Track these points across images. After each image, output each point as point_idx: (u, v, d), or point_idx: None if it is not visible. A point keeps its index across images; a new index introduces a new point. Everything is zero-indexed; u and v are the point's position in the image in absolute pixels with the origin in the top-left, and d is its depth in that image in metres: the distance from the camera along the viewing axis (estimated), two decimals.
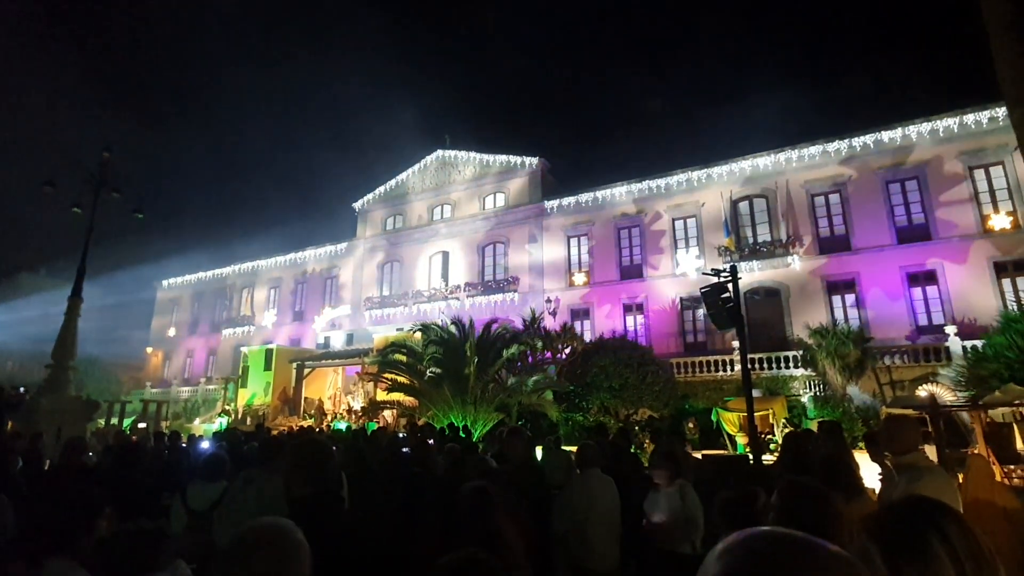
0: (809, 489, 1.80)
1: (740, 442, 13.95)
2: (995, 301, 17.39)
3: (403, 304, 28.79)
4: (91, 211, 13.21)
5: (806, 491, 1.79)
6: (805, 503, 1.74)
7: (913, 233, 19.46)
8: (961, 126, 19.10)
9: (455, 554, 1.35)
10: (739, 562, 0.63)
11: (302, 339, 31.28)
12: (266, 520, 1.29)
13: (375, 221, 32.63)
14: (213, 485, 3.95)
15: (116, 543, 2.06)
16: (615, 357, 17.00)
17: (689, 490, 4.24)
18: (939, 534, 1.16)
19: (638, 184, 24.50)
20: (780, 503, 1.79)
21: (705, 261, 21.37)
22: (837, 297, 20.24)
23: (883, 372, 16.74)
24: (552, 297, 24.77)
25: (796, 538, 0.65)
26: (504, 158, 29.03)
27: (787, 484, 1.85)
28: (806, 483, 1.88)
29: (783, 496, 1.80)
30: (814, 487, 1.82)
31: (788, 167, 21.74)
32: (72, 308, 12.96)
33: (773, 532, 0.67)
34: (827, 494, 1.79)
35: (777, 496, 1.83)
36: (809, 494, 1.77)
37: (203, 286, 38.07)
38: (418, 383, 14.54)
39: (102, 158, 13.27)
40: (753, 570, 0.62)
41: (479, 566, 1.32)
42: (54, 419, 10.87)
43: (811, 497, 1.76)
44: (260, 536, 1.24)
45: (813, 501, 1.74)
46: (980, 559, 1.12)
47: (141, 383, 36.08)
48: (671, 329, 22.52)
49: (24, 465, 5.69)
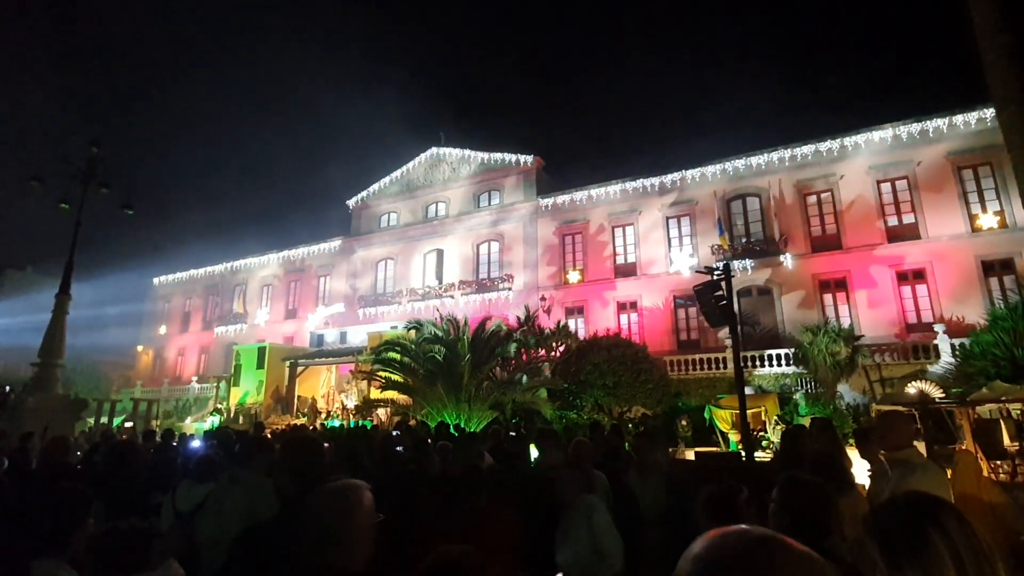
0: (808, 484, 1.81)
1: (732, 439, 14.04)
2: (983, 299, 17.61)
3: (397, 302, 28.71)
4: (79, 207, 13.04)
5: (805, 486, 1.80)
6: (804, 497, 1.75)
7: (903, 232, 19.66)
8: (950, 127, 19.31)
9: (440, 552, 1.34)
10: (712, 563, 0.64)
11: (295, 337, 31.10)
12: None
13: (369, 218, 32.49)
14: (202, 486, 3.91)
15: (107, 541, 2.04)
16: (609, 355, 17.05)
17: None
18: (939, 529, 1.16)
19: (632, 182, 24.56)
20: (780, 497, 1.80)
21: (698, 259, 21.47)
22: (828, 295, 20.41)
23: (873, 370, 16.91)
24: (546, 295, 24.79)
25: (768, 538, 0.65)
26: (499, 156, 28.99)
27: (787, 479, 1.87)
28: (805, 478, 1.89)
29: (783, 491, 1.82)
30: (813, 482, 1.84)
31: (781, 166, 21.88)
32: (60, 305, 12.80)
33: (746, 532, 0.67)
34: (825, 489, 1.80)
35: (777, 490, 1.84)
36: (808, 489, 1.78)
37: (195, 284, 37.75)
38: (412, 381, 14.50)
39: (90, 153, 13.10)
40: (723, 570, 0.62)
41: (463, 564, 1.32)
42: (41, 418, 10.73)
43: (810, 492, 1.77)
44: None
45: (812, 496, 1.75)
46: (979, 554, 1.13)
47: (131, 382, 35.75)
48: (664, 327, 22.62)
49: (11, 465, 5.61)
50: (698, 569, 0.64)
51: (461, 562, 1.34)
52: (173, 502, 3.95)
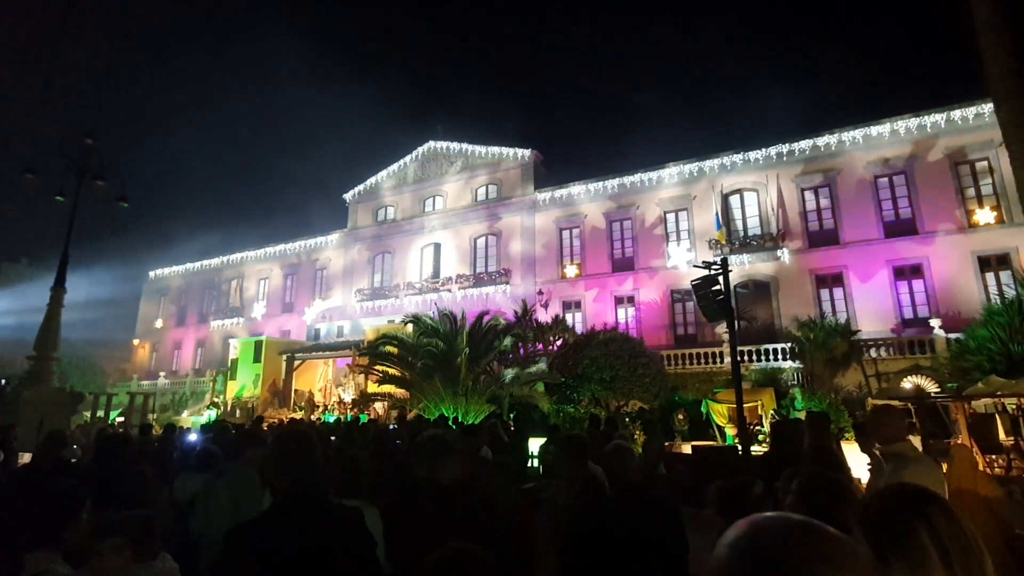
0: (830, 480, 1.82)
1: (729, 433, 14.10)
2: (979, 294, 17.67)
3: (394, 296, 28.66)
4: (74, 199, 12.95)
5: (827, 482, 1.81)
6: (825, 493, 1.75)
7: (900, 227, 19.69)
8: (948, 122, 19.30)
9: (443, 549, 1.33)
10: (752, 549, 0.62)
11: (292, 331, 31.06)
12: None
13: (366, 212, 32.37)
14: (198, 477, 3.91)
15: (112, 528, 2.04)
16: (606, 349, 17.05)
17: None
18: (925, 522, 1.16)
19: (630, 177, 24.51)
20: (799, 491, 1.81)
21: (696, 254, 21.47)
22: (825, 290, 20.45)
23: (869, 364, 16.98)
24: (544, 289, 24.78)
25: (809, 523, 0.65)
26: (496, 150, 28.88)
27: (808, 474, 1.88)
28: (827, 474, 1.90)
29: (803, 485, 1.82)
30: (835, 478, 1.85)
31: (778, 161, 21.85)
32: (55, 298, 12.73)
33: (786, 517, 0.66)
34: (846, 486, 1.81)
35: (796, 485, 1.84)
36: (830, 485, 1.79)
37: (191, 277, 37.61)
38: (409, 375, 14.50)
39: (85, 145, 12.99)
40: (766, 556, 0.61)
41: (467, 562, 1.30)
42: (36, 411, 10.69)
43: (832, 488, 1.78)
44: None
45: (833, 492, 1.76)
46: (966, 546, 1.13)
47: (128, 375, 35.71)
48: (662, 321, 22.65)
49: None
50: (738, 554, 0.62)
51: (469, 559, 1.32)
52: (170, 494, 3.95)
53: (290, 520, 1.87)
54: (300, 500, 1.95)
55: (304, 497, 1.96)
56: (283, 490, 2.01)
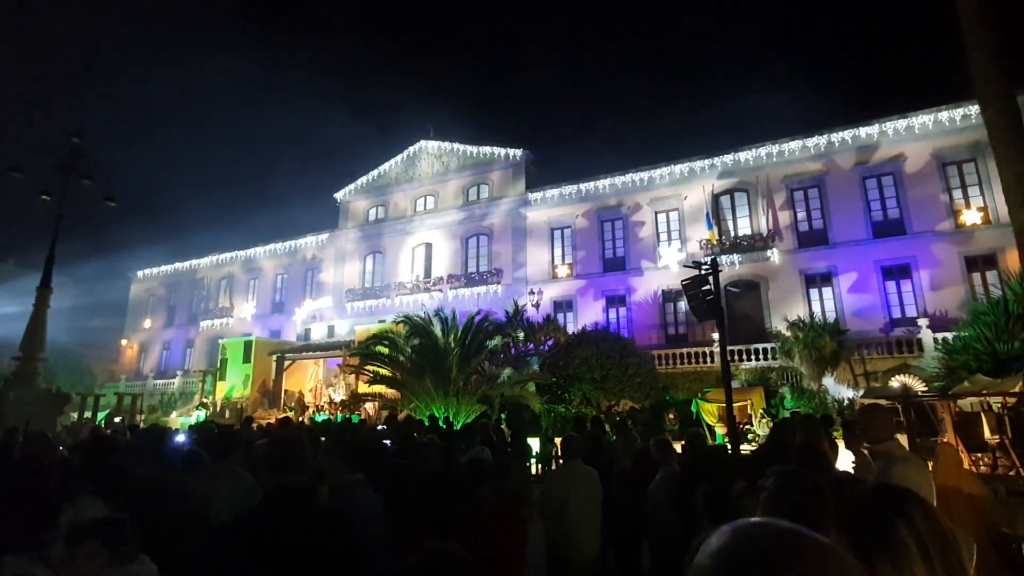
0: (804, 478, 1.81)
1: (719, 432, 14.18)
2: (965, 294, 17.90)
3: (385, 296, 28.55)
4: (60, 198, 12.78)
5: (801, 480, 1.80)
6: (800, 491, 1.74)
7: (888, 228, 19.90)
8: (935, 123, 19.53)
9: (424, 550, 1.31)
10: (736, 556, 0.61)
11: (282, 331, 30.86)
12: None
13: (357, 212, 32.22)
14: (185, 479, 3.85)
15: (85, 532, 2.00)
16: (597, 349, 17.12)
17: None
18: (905, 521, 1.18)
19: (621, 177, 24.58)
20: (774, 489, 1.79)
21: (687, 254, 21.58)
22: (814, 290, 20.63)
23: (858, 363, 17.14)
24: (535, 289, 24.78)
25: (792, 530, 0.63)
26: (488, 149, 28.85)
27: (782, 472, 1.86)
28: (801, 472, 1.89)
29: (778, 483, 1.80)
30: (809, 477, 1.83)
31: (769, 162, 22.00)
32: (41, 298, 12.56)
33: (769, 523, 0.65)
34: (821, 484, 1.80)
35: (771, 482, 1.83)
36: (804, 483, 1.78)
37: (180, 277, 37.25)
38: (400, 375, 14.44)
39: (71, 143, 12.82)
40: (747, 564, 0.60)
41: (448, 562, 1.29)
42: (22, 412, 10.53)
43: (806, 486, 1.76)
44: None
45: (808, 490, 1.74)
46: (945, 544, 1.15)
47: (116, 376, 35.29)
48: (653, 321, 22.73)
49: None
50: (720, 563, 0.61)
51: (448, 560, 1.30)
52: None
53: (274, 519, 1.89)
54: (285, 500, 1.97)
55: (289, 498, 1.98)
56: (272, 489, 2.04)
